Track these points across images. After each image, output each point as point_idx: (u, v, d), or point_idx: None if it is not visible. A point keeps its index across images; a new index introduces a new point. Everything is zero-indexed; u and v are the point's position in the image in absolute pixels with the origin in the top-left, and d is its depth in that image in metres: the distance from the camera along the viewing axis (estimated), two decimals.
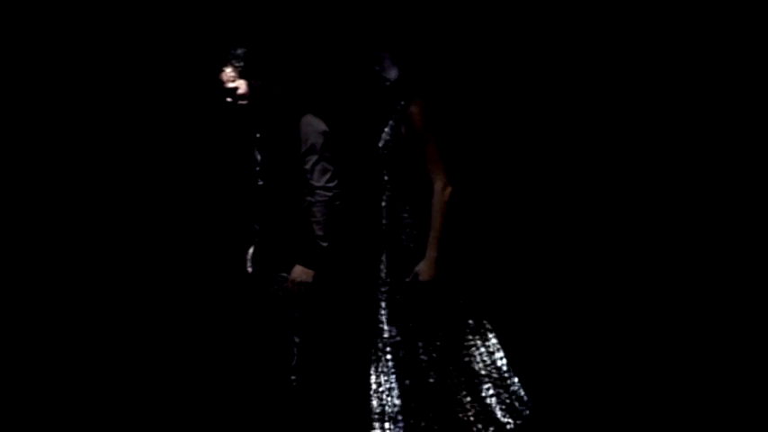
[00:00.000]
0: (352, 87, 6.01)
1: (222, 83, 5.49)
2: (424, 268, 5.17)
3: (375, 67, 5.36)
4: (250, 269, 5.73)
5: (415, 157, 5.21)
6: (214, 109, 5.98)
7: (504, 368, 5.24)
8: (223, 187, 6.51)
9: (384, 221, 5.30)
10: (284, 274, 5.52)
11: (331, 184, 5.43)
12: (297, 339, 5.52)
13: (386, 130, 5.35)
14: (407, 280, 5.22)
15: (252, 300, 5.72)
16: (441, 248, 5.14)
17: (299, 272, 5.48)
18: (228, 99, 5.51)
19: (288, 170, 5.49)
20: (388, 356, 5.29)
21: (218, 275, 6.46)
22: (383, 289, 5.32)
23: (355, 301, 5.93)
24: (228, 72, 5.47)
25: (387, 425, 5.27)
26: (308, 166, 5.44)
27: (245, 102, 5.50)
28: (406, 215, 5.24)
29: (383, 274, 5.32)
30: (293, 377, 5.53)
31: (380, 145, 5.34)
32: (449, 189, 5.15)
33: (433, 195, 5.17)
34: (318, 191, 5.43)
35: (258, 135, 5.63)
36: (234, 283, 6.21)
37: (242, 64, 5.45)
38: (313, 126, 5.46)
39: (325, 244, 5.44)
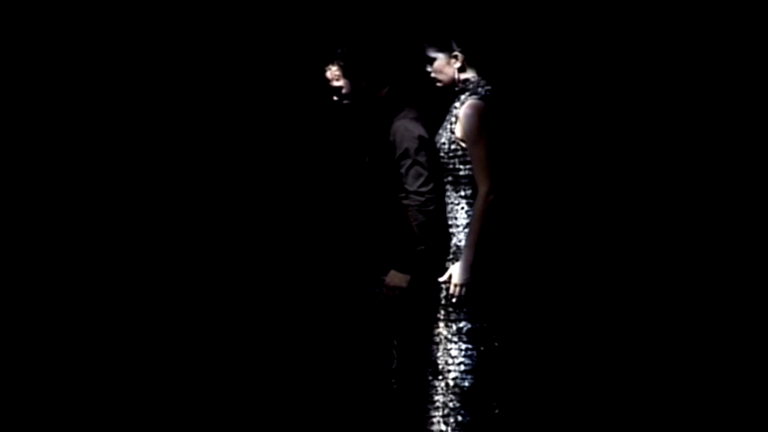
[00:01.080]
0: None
1: (328, 81, 5.53)
2: (458, 271, 5.21)
3: (427, 68, 5.41)
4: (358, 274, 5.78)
5: (469, 159, 5.25)
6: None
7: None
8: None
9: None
10: (384, 278, 5.52)
11: (424, 189, 5.37)
12: (396, 343, 5.52)
13: (440, 132, 5.39)
14: (441, 280, 5.27)
15: (356, 302, 5.81)
16: (478, 253, 5.17)
17: (394, 276, 5.46)
18: (334, 98, 5.55)
19: (386, 173, 5.50)
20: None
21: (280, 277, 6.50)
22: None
23: None
24: (334, 70, 5.51)
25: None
26: (402, 170, 5.43)
27: (348, 101, 5.53)
28: (465, 216, 5.27)
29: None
30: (393, 381, 5.52)
31: (437, 147, 5.37)
32: (492, 195, 5.17)
33: (477, 199, 5.20)
34: (412, 195, 5.41)
35: (362, 137, 5.66)
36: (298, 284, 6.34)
37: (345, 63, 5.48)
38: (408, 130, 5.43)
39: (420, 248, 5.40)
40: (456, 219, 5.28)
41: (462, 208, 5.27)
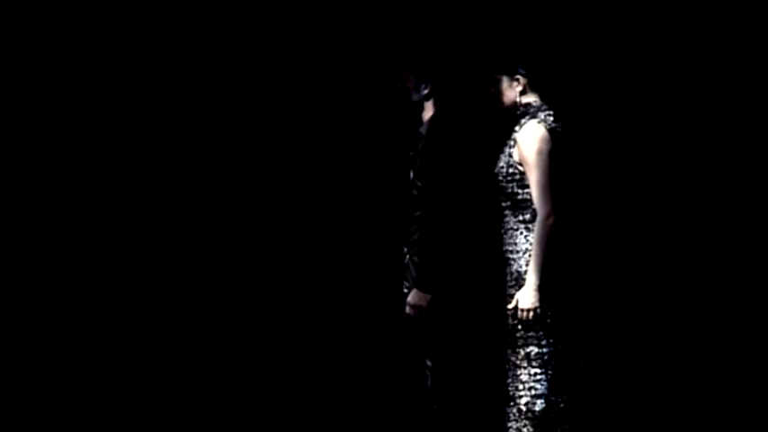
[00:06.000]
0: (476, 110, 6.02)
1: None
2: (523, 296, 5.20)
3: (491, 89, 5.41)
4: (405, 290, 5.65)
5: (527, 183, 5.23)
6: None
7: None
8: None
9: (504, 248, 5.32)
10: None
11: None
12: (429, 363, 5.51)
13: (501, 156, 5.38)
14: (509, 306, 5.27)
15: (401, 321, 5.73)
16: (543, 277, 5.17)
17: (415, 296, 5.47)
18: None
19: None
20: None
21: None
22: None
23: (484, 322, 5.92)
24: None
25: None
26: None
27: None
28: (524, 242, 5.26)
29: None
30: (432, 403, 5.50)
31: (495, 171, 5.36)
32: (552, 218, 5.17)
33: (537, 222, 5.20)
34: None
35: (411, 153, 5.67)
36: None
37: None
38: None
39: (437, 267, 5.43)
40: (516, 244, 5.26)
41: (521, 233, 5.25)
